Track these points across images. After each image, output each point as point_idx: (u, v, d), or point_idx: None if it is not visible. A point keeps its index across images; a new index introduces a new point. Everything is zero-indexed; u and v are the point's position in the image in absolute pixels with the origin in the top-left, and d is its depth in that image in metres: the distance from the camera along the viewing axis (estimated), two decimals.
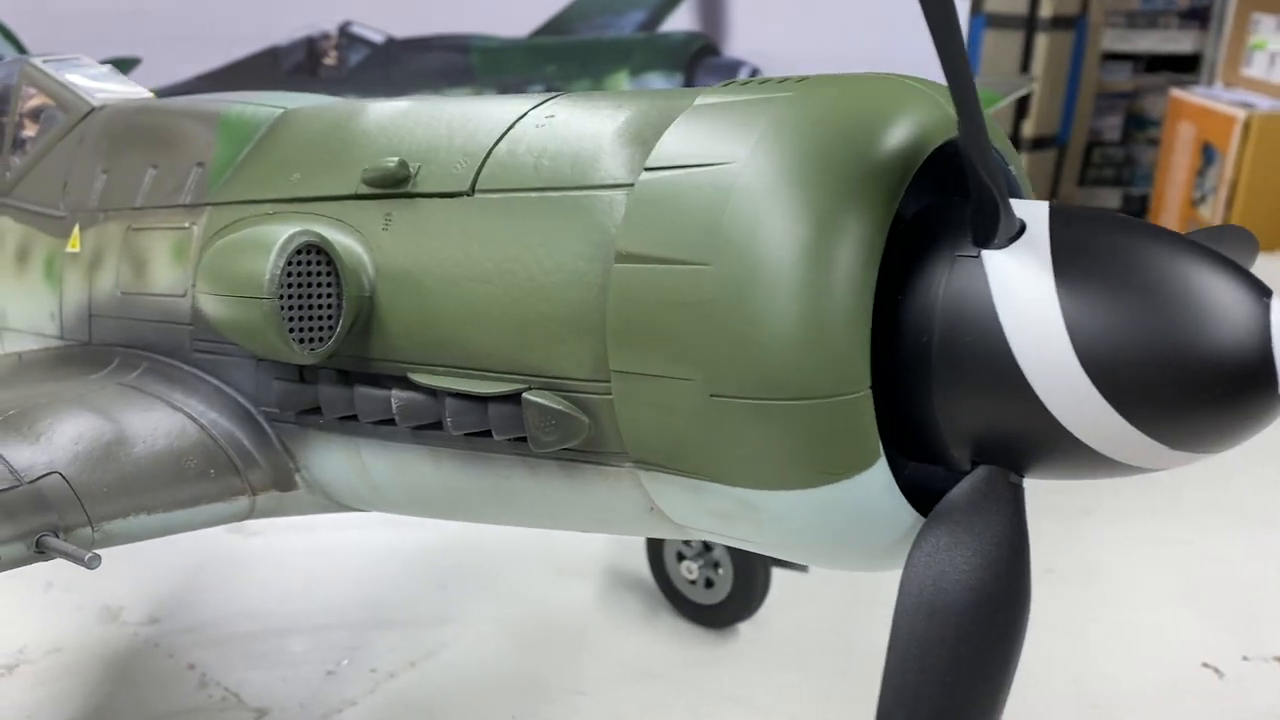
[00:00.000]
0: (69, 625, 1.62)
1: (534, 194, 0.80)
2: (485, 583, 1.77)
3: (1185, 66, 5.19)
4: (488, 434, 0.83)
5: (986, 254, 0.66)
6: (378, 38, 2.91)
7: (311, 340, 0.86)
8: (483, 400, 0.81)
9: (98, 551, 0.85)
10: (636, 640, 1.62)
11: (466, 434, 0.84)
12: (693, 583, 1.63)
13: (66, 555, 0.86)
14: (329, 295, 0.86)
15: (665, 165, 0.73)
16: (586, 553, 1.83)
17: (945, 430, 0.69)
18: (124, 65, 2.94)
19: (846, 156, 0.67)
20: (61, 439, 0.95)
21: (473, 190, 0.84)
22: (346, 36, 2.88)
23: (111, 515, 0.92)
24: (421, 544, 1.88)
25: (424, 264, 0.85)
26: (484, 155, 0.85)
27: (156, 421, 0.99)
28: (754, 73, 2.94)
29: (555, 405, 0.77)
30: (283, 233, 0.85)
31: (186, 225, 1.07)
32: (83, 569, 0.85)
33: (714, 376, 0.68)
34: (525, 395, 0.78)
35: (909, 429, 0.70)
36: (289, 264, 0.84)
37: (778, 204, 0.67)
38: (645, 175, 0.74)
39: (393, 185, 0.89)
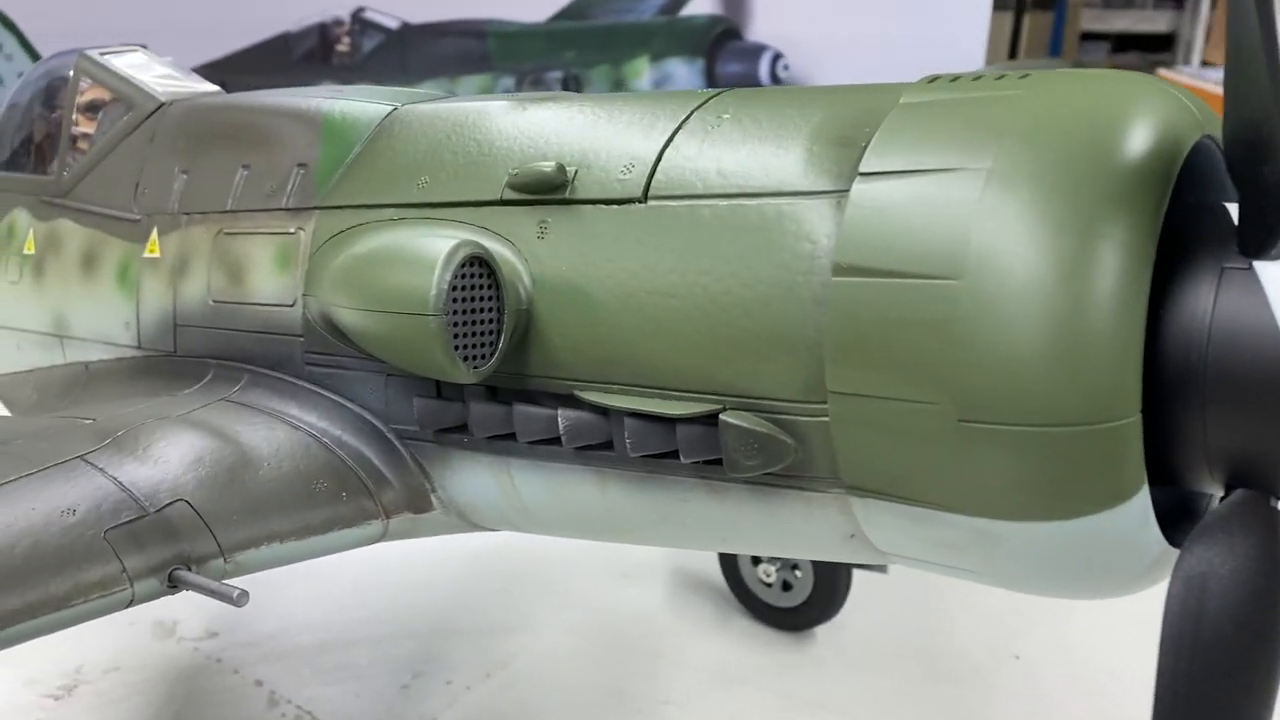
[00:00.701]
0: (124, 641, 1.55)
1: (722, 201, 0.74)
2: (548, 587, 1.72)
3: (1158, 46, 5.19)
4: (668, 456, 0.77)
5: (1260, 265, 0.61)
6: (392, 24, 2.81)
7: (474, 358, 0.79)
8: (670, 421, 0.75)
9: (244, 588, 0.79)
10: (713, 645, 1.57)
11: (644, 456, 0.78)
12: (769, 585, 1.58)
13: (209, 592, 0.80)
14: (490, 310, 0.80)
15: (887, 171, 0.67)
16: (649, 556, 1.78)
17: (1204, 453, 0.64)
18: None
19: (1108, 158, 0.62)
20: (181, 462, 0.88)
21: (645, 197, 0.78)
22: (360, 23, 2.79)
23: (243, 544, 0.85)
24: (477, 547, 1.81)
25: (592, 276, 0.79)
26: (654, 159, 0.79)
27: (279, 441, 0.93)
28: (777, 58, 2.88)
29: (758, 428, 0.71)
30: (441, 243, 0.79)
31: (292, 230, 1.00)
32: None
33: (964, 401, 0.63)
34: (723, 417, 0.72)
35: (1156, 450, 0.65)
36: (455, 278, 0.77)
37: (1035, 212, 0.61)
38: (863, 181, 0.68)
39: (548, 191, 0.83)
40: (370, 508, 0.91)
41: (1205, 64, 4.75)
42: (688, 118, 0.81)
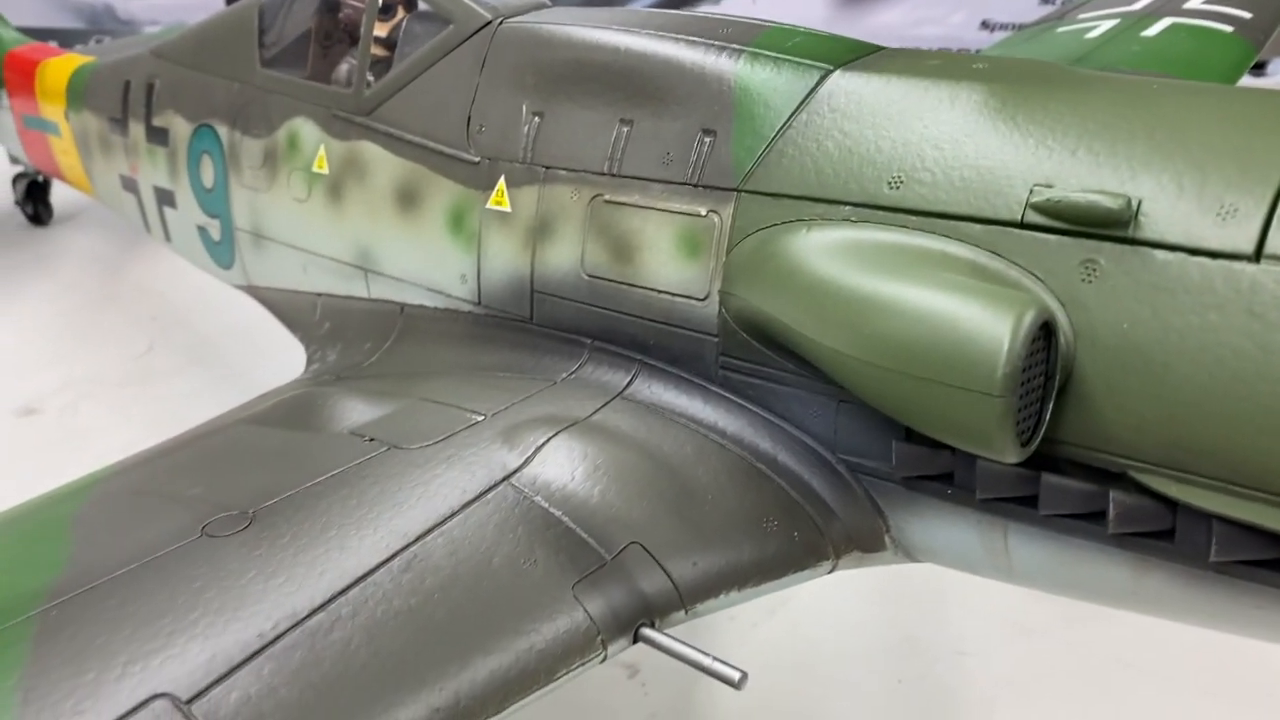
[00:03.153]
0: None
1: None
2: None
3: None
4: (1261, 563, 0.65)
5: None
6: None
7: (1023, 432, 0.67)
8: None
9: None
10: (1001, 592, 1.48)
11: (1218, 562, 0.66)
12: None
13: (701, 667, 0.71)
14: (1039, 375, 0.66)
15: None
16: None
17: None
18: None
19: None
20: (622, 494, 0.78)
21: (1259, 255, 0.63)
22: None
23: (702, 593, 0.76)
24: None
25: (1173, 345, 0.64)
26: (1269, 204, 0.63)
27: (714, 466, 0.82)
28: None
29: None
30: (997, 302, 0.65)
31: (703, 213, 0.86)
32: None
33: None
34: None
35: None
36: (1026, 350, 0.64)
37: None
38: None
39: (1099, 225, 0.67)
40: (821, 547, 0.81)
41: None
42: None
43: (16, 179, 2.66)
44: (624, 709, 1.31)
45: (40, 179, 2.63)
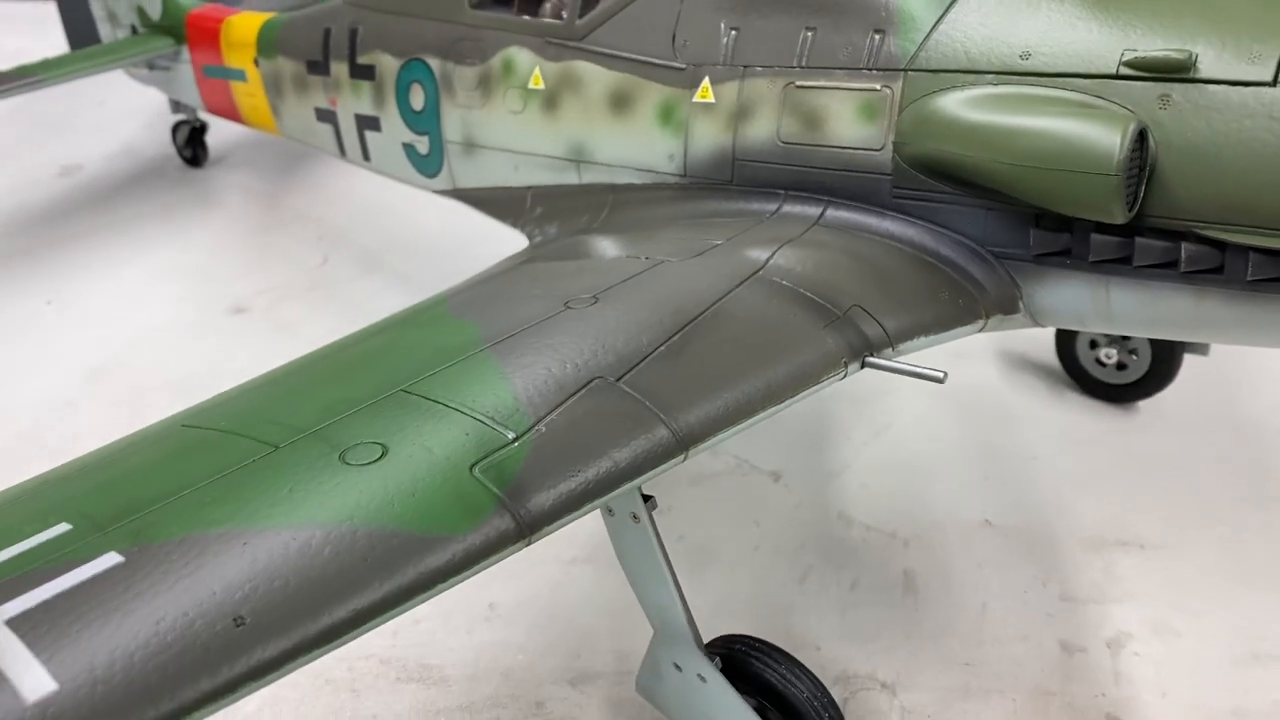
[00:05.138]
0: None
1: None
2: None
3: None
4: (1275, 280, 0.99)
5: None
6: None
7: (1128, 203, 1.01)
8: None
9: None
10: (1056, 412, 1.84)
11: (1252, 280, 1.00)
12: (1105, 365, 1.83)
13: (910, 374, 1.04)
14: (1135, 166, 1.00)
15: None
16: (978, 339, 2.01)
17: None
18: None
19: None
20: (848, 277, 1.10)
21: (1275, 81, 0.96)
22: None
23: (904, 338, 1.08)
24: None
25: (1221, 144, 0.97)
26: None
27: (899, 260, 1.15)
28: None
29: None
30: (1108, 118, 0.98)
31: (878, 88, 1.18)
32: None
33: None
34: None
35: None
36: (1131, 144, 0.98)
37: None
38: None
39: (1171, 71, 1.01)
40: (976, 310, 1.14)
41: None
42: None
43: (178, 126, 2.97)
44: (773, 503, 1.65)
45: (198, 124, 2.95)
